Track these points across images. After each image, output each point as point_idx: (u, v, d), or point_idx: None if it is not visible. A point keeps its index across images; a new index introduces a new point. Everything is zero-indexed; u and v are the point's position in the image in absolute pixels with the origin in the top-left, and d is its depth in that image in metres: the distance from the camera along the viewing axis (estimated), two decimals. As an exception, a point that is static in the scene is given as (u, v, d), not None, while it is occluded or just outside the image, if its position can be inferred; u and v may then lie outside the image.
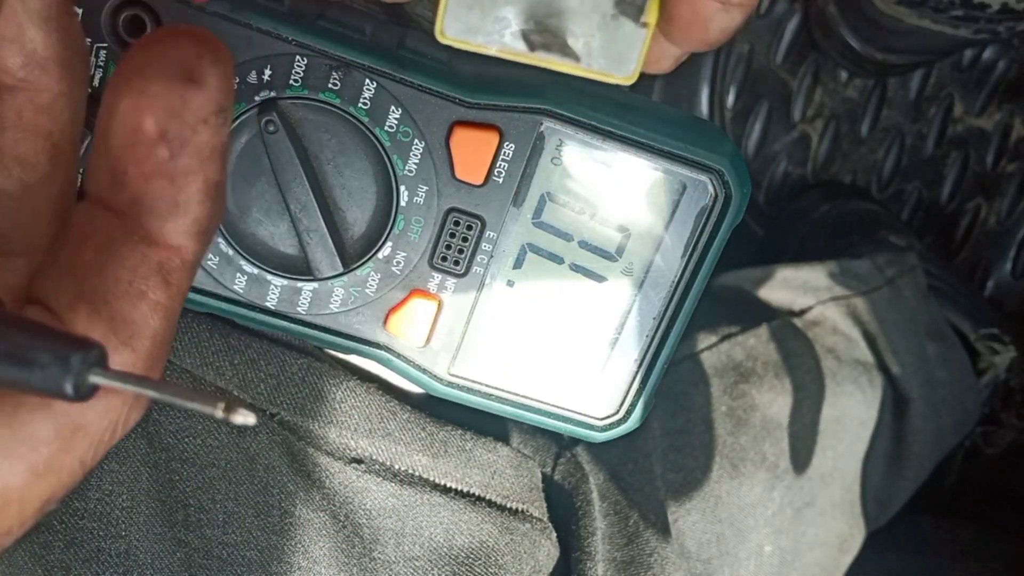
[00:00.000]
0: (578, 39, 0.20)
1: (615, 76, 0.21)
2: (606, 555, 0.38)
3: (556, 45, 0.20)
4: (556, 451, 0.39)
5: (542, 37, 0.20)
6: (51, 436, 0.16)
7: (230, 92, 0.17)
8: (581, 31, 0.20)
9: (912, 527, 0.64)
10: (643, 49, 0.21)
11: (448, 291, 0.29)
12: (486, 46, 0.20)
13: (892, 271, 0.63)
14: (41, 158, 0.18)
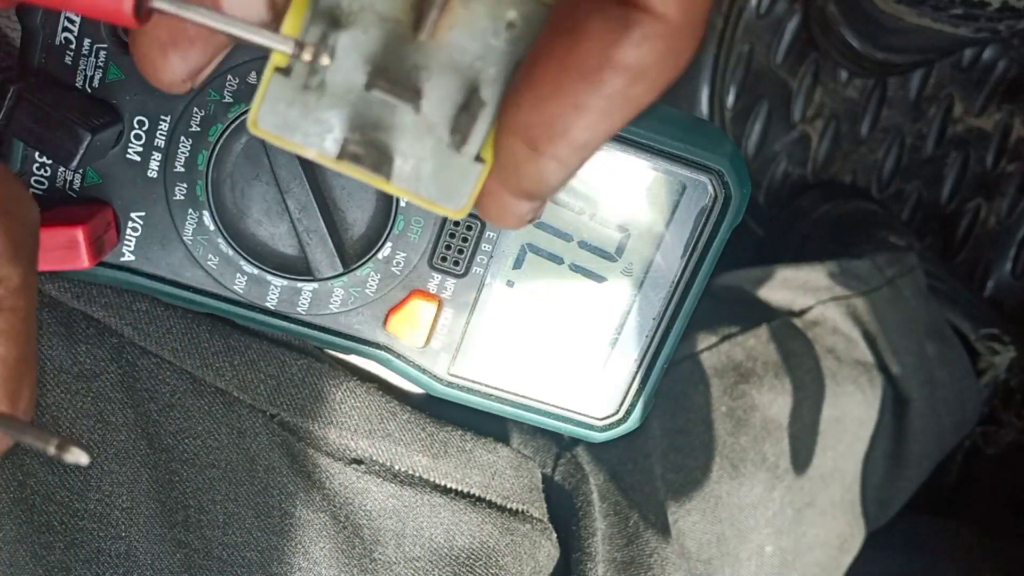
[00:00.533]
0: (407, 160, 0.19)
1: (444, 207, 0.19)
2: (606, 556, 0.38)
3: (377, 163, 0.18)
4: (556, 452, 0.39)
5: (364, 150, 0.18)
6: None
7: None
8: (412, 153, 0.19)
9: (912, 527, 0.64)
10: (477, 185, 0.19)
11: (448, 291, 0.29)
12: (303, 147, 0.18)
13: (892, 271, 0.63)
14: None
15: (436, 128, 0.19)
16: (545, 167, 0.18)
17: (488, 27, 0.18)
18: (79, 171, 0.26)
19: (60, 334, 0.29)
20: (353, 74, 0.18)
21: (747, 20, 0.77)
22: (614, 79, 0.17)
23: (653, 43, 0.17)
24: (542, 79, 0.17)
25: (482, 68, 0.18)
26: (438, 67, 0.18)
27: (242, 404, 0.31)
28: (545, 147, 0.18)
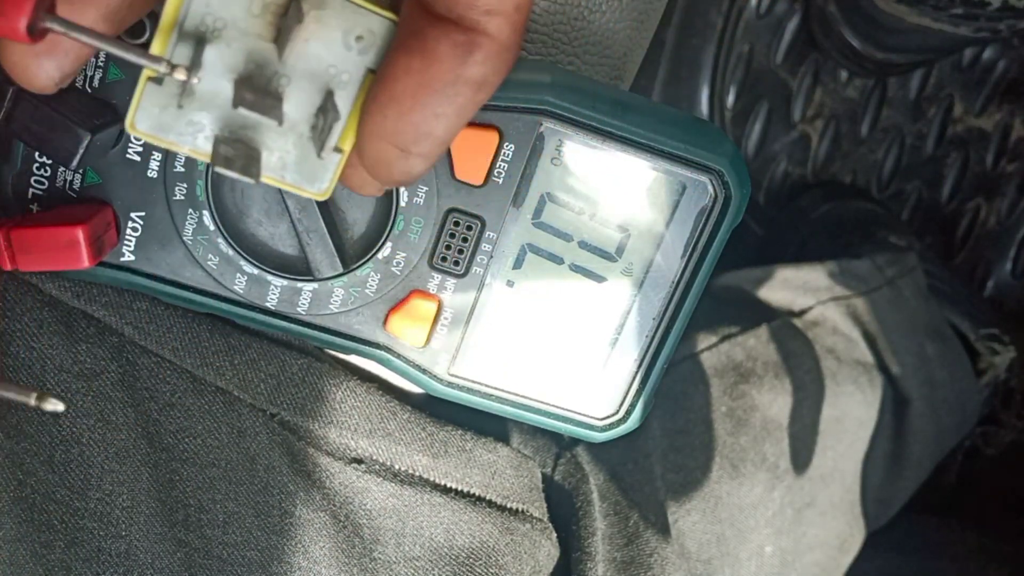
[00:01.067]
0: (273, 153, 0.22)
1: (308, 191, 0.22)
2: (606, 555, 0.38)
3: (242, 159, 0.20)
4: (556, 451, 0.39)
5: (232, 149, 0.20)
6: None
7: None
8: (276, 147, 0.22)
9: (912, 527, 0.64)
10: (336, 171, 0.22)
11: (448, 291, 0.29)
12: (177, 145, 0.21)
13: (892, 271, 0.63)
14: None
15: (298, 126, 0.22)
16: (414, 163, 0.22)
17: (340, 40, 0.21)
18: (79, 171, 0.26)
19: (60, 333, 0.29)
20: (220, 82, 0.21)
21: (747, 20, 0.77)
22: (465, 91, 0.21)
23: (492, 60, 0.21)
24: (403, 94, 0.21)
25: (336, 74, 0.21)
26: (297, 74, 0.21)
27: (242, 403, 0.31)
28: (413, 148, 0.21)
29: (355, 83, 0.22)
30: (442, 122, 0.21)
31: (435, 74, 0.20)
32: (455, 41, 0.20)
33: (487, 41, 0.20)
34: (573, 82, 0.27)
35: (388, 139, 0.21)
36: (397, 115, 0.21)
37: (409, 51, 0.21)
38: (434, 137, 0.21)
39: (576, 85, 0.27)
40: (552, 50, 0.32)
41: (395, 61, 0.21)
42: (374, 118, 0.21)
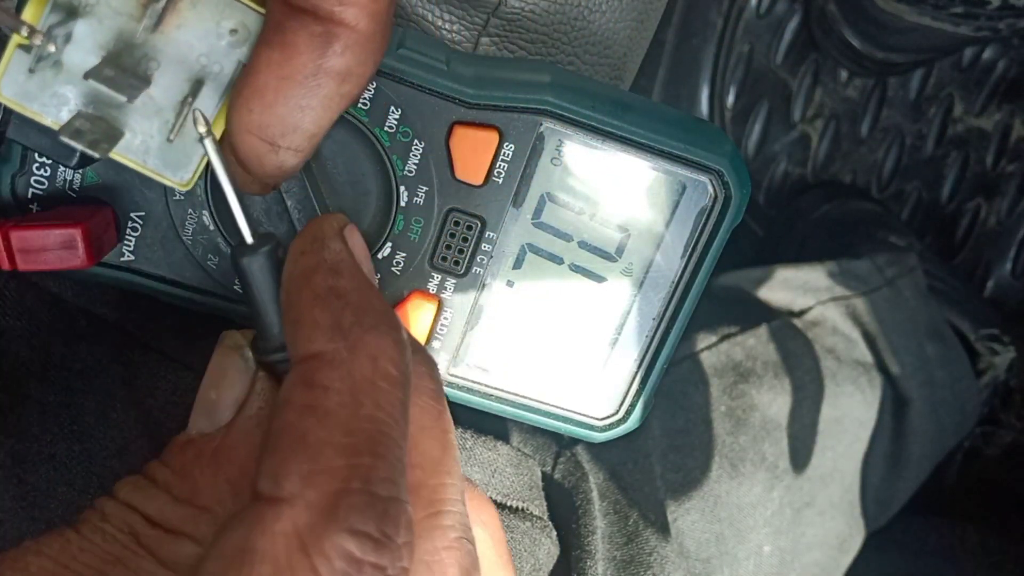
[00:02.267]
0: (136, 135, 0.21)
1: (170, 179, 0.22)
2: (606, 554, 0.38)
3: (100, 138, 0.20)
4: (556, 450, 0.39)
5: (89, 124, 0.20)
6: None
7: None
8: (141, 130, 0.22)
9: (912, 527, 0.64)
10: (199, 162, 0.22)
11: (448, 291, 0.29)
12: (41, 115, 0.21)
13: (892, 271, 0.63)
14: None
15: (164, 111, 0.21)
16: (284, 156, 0.22)
17: (213, 30, 0.21)
18: (79, 171, 0.26)
19: (61, 331, 0.29)
20: (88, 58, 0.20)
21: (747, 20, 0.77)
22: (328, 83, 0.21)
23: (353, 50, 0.21)
24: (266, 87, 0.21)
25: (208, 64, 0.21)
26: (167, 60, 0.21)
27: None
28: (281, 142, 0.21)
29: (226, 75, 0.22)
30: (308, 114, 0.21)
31: (295, 67, 0.20)
32: (312, 32, 0.20)
33: (345, 32, 0.20)
34: (573, 82, 0.27)
35: (255, 133, 0.21)
36: (262, 108, 0.21)
37: (270, 44, 0.21)
38: (302, 130, 0.21)
39: (576, 85, 0.27)
40: (552, 50, 0.32)
41: (258, 54, 0.21)
42: (240, 112, 0.21)
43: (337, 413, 0.19)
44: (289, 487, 0.18)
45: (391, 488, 0.18)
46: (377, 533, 0.17)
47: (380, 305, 0.21)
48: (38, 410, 0.29)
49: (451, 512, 0.21)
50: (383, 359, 0.20)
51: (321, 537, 0.17)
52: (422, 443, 0.21)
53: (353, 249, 0.22)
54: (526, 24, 0.31)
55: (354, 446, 0.18)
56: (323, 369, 0.19)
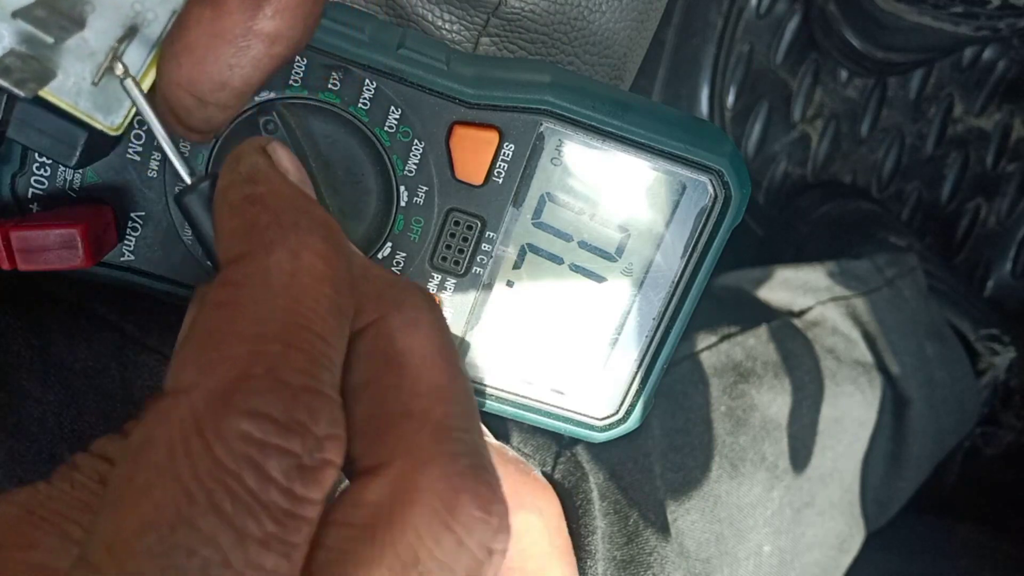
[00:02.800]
0: (69, 77, 0.22)
1: (100, 122, 0.22)
2: (606, 554, 0.38)
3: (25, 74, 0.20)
4: (556, 450, 0.39)
5: (20, 62, 0.20)
6: None
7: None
8: (74, 71, 0.22)
9: (912, 527, 0.64)
10: (129, 107, 0.22)
11: (448, 291, 0.29)
12: None
13: (892, 272, 0.63)
14: None
15: (97, 55, 0.22)
16: (212, 112, 0.22)
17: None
18: (79, 171, 0.26)
19: (62, 331, 0.29)
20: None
21: (747, 20, 0.77)
22: (258, 44, 0.21)
23: (284, 14, 0.21)
24: (196, 44, 0.21)
25: (142, 11, 0.22)
26: (102, 5, 0.21)
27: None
28: (209, 98, 0.21)
29: (160, 23, 0.22)
30: (237, 73, 0.21)
31: (225, 26, 0.21)
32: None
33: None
34: (573, 82, 0.27)
35: (184, 87, 0.21)
36: (191, 64, 0.21)
37: (202, 1, 0.21)
38: (231, 88, 0.21)
39: (576, 85, 0.27)
40: (552, 50, 0.32)
41: (189, 9, 0.21)
42: (170, 64, 0.21)
43: (247, 306, 0.18)
44: (188, 377, 0.17)
45: (305, 378, 0.17)
46: (283, 417, 0.16)
47: (305, 205, 0.20)
48: (38, 410, 0.29)
49: (461, 440, 0.19)
50: (306, 253, 0.19)
51: (218, 419, 0.16)
52: (425, 372, 0.20)
53: (278, 161, 0.21)
54: (526, 24, 0.31)
55: (262, 335, 0.17)
56: (236, 269, 0.19)
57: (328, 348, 0.18)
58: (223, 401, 0.16)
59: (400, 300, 0.21)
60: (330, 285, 0.19)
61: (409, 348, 0.20)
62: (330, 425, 0.17)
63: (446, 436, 0.19)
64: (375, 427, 0.19)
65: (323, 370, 0.18)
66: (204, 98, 0.21)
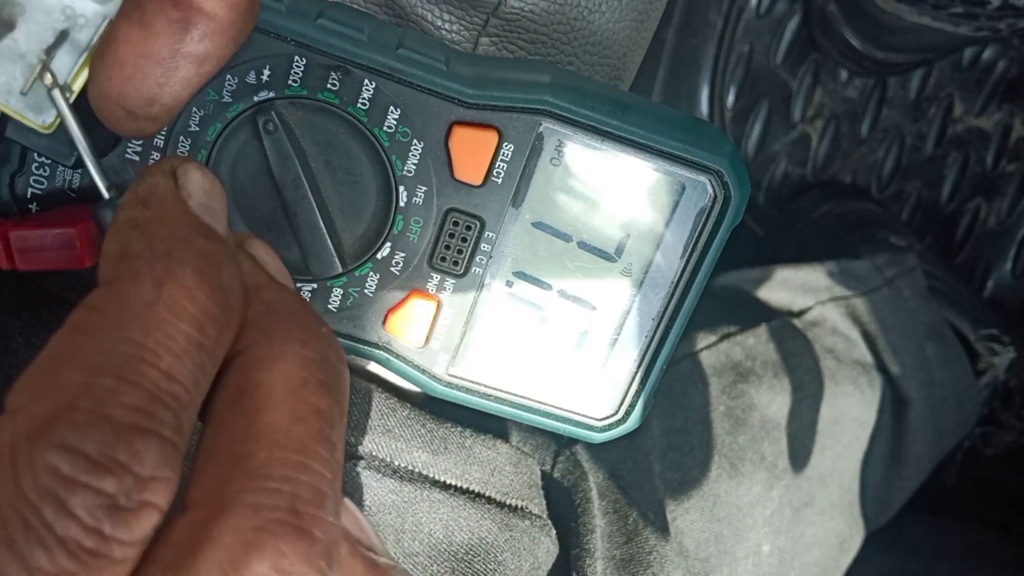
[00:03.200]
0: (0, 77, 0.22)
1: (31, 120, 0.23)
2: (605, 553, 0.38)
3: None
4: (555, 449, 0.39)
5: None
6: None
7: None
8: (4, 71, 0.22)
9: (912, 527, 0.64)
10: (61, 108, 0.22)
11: (447, 291, 0.29)
12: None
13: (892, 272, 0.63)
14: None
15: (27, 56, 0.22)
16: (142, 124, 0.22)
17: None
18: (78, 170, 0.26)
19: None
20: None
21: (747, 20, 0.77)
22: (186, 65, 0.21)
23: (211, 38, 0.21)
24: (124, 61, 0.21)
25: (72, 16, 0.22)
26: (31, 7, 0.22)
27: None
28: (139, 112, 0.22)
29: (91, 27, 0.22)
30: (167, 91, 0.21)
31: (153, 48, 0.21)
32: (170, 18, 0.20)
33: (203, 20, 0.21)
34: (572, 82, 0.27)
35: (114, 100, 0.21)
36: (121, 79, 0.21)
37: (129, 20, 0.21)
38: (160, 104, 0.22)
39: (575, 85, 0.27)
40: (552, 50, 0.32)
41: (118, 25, 0.21)
42: (100, 77, 0.21)
43: (94, 333, 0.17)
44: (19, 400, 0.17)
45: (135, 417, 0.17)
46: (97, 455, 0.16)
47: (187, 233, 0.20)
48: None
49: (276, 491, 0.18)
50: (171, 286, 0.18)
51: (30, 449, 0.16)
52: (264, 412, 0.19)
53: (184, 184, 0.21)
54: (526, 24, 0.31)
55: (99, 367, 0.17)
56: (99, 292, 0.18)
57: (173, 386, 0.17)
58: (40, 431, 0.16)
59: (272, 330, 0.20)
60: (191, 321, 0.18)
61: (259, 383, 0.19)
62: (156, 467, 0.17)
63: (257, 485, 0.18)
64: (201, 463, 0.19)
65: (162, 409, 0.17)
66: (134, 112, 0.22)
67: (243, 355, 0.20)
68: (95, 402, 0.16)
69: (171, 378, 0.17)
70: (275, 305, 0.21)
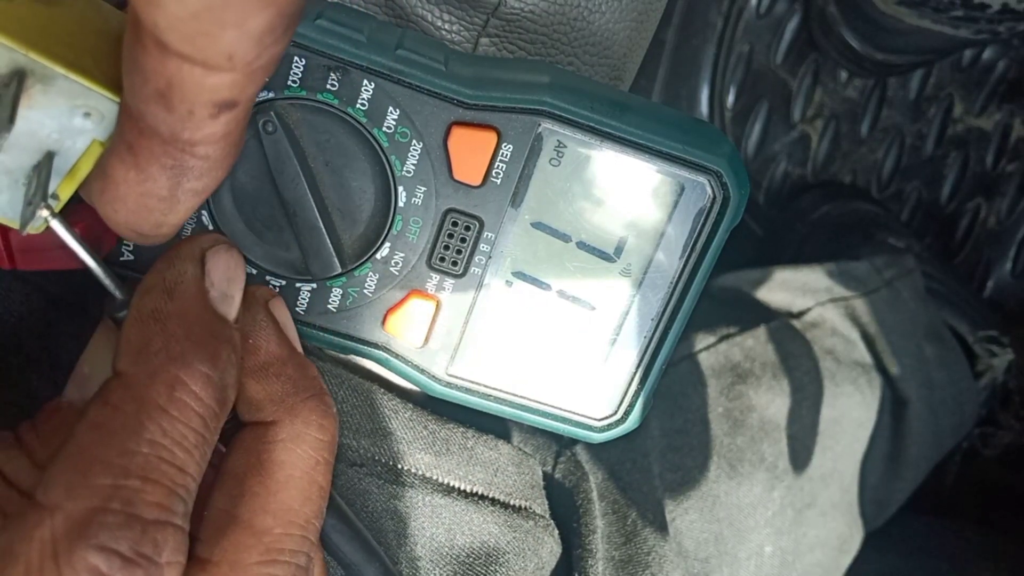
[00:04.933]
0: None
1: (13, 223, 0.23)
2: (605, 554, 0.38)
3: None
4: (556, 450, 0.39)
5: None
6: None
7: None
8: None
9: (911, 528, 0.64)
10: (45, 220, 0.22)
11: (446, 291, 0.29)
12: None
13: (891, 273, 0.63)
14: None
15: (13, 172, 0.22)
16: (154, 240, 0.23)
17: (65, 112, 0.21)
18: None
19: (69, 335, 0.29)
20: None
21: (747, 20, 0.77)
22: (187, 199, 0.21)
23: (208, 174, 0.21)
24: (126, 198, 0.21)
25: (59, 139, 0.22)
26: (18, 132, 0.21)
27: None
28: (149, 234, 0.22)
29: (78, 150, 0.22)
30: (172, 217, 0.22)
31: (152, 188, 0.21)
32: (164, 165, 0.20)
33: (198, 163, 0.21)
34: (572, 82, 0.27)
35: (123, 228, 0.22)
36: (126, 212, 0.22)
37: (124, 163, 0.21)
38: (168, 224, 0.22)
39: (575, 85, 0.27)
40: (552, 50, 0.32)
41: (113, 166, 0.21)
42: (105, 210, 0.22)
43: (118, 434, 0.20)
44: (54, 497, 0.19)
45: (158, 512, 0.19)
46: (130, 552, 0.19)
47: (202, 334, 0.22)
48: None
49: (287, 563, 0.22)
50: (182, 390, 0.21)
51: (71, 549, 0.18)
52: (283, 491, 0.23)
53: (209, 272, 0.23)
54: (526, 24, 0.31)
55: (124, 468, 0.19)
56: (118, 389, 0.20)
57: (185, 479, 0.20)
58: (79, 532, 0.18)
59: (297, 411, 0.24)
60: (198, 421, 0.21)
61: (282, 462, 0.23)
62: (172, 554, 0.20)
63: (271, 559, 0.22)
64: (219, 523, 0.22)
65: (177, 501, 0.20)
66: (145, 234, 0.22)
67: (269, 427, 0.23)
68: (125, 503, 0.19)
69: (183, 472, 0.20)
70: (299, 384, 0.24)
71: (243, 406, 0.24)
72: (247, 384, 0.24)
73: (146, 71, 0.19)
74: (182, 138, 0.20)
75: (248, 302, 0.25)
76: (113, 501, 0.19)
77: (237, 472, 0.23)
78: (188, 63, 0.18)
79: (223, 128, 0.20)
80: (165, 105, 0.19)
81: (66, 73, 0.21)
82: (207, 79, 0.18)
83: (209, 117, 0.19)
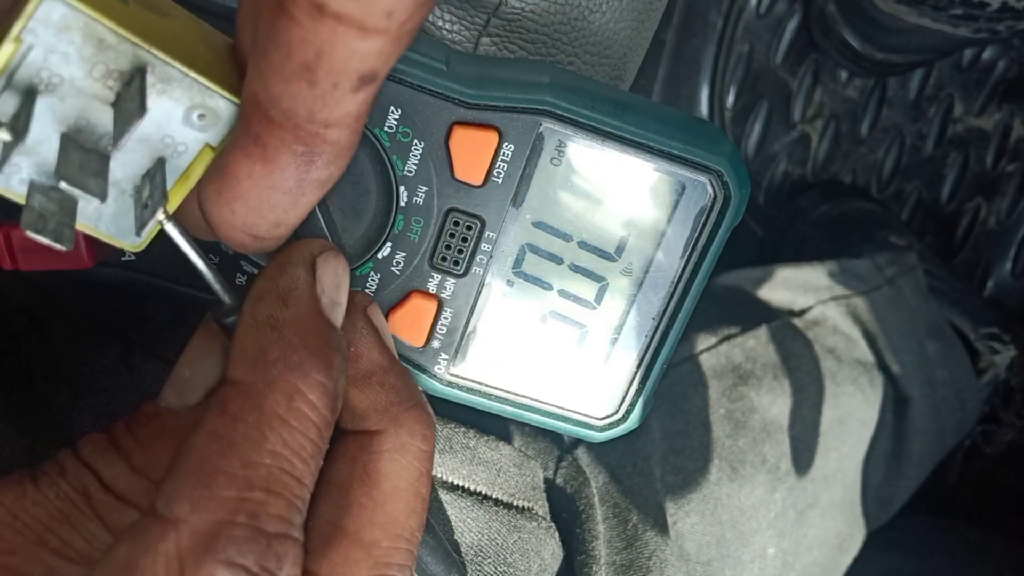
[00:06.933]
0: (91, 202, 0.21)
1: (121, 242, 0.22)
2: (607, 559, 0.38)
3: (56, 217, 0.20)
4: (557, 455, 0.39)
5: (46, 198, 0.20)
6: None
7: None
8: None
9: (913, 527, 0.64)
10: (153, 231, 0.22)
11: (447, 291, 0.29)
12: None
13: (892, 271, 0.63)
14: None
15: (120, 183, 0.22)
16: (268, 244, 0.23)
17: (181, 114, 0.21)
18: None
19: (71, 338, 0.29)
20: (46, 131, 0.20)
21: (747, 20, 0.77)
22: (312, 190, 0.21)
23: (335, 162, 0.21)
24: (248, 193, 0.21)
25: (172, 144, 0.21)
26: (132, 139, 0.21)
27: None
28: (266, 236, 0.22)
29: (190, 155, 0.22)
30: (292, 214, 0.22)
31: (278, 180, 0.21)
32: (294, 152, 0.20)
33: (328, 149, 0.20)
34: (573, 82, 0.28)
35: (239, 229, 0.22)
36: (245, 211, 0.21)
37: (250, 156, 0.20)
38: (286, 225, 0.22)
39: (576, 85, 0.27)
40: (552, 50, 0.32)
41: (237, 162, 0.21)
42: (222, 211, 0.21)
43: (240, 444, 0.19)
44: (179, 510, 0.19)
45: (281, 525, 0.19)
46: (255, 567, 0.18)
47: (317, 343, 0.21)
48: (46, 410, 0.29)
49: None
50: (300, 399, 0.20)
51: (198, 564, 0.18)
52: (390, 503, 0.23)
53: (320, 278, 0.22)
54: (526, 24, 0.31)
55: (248, 479, 0.19)
56: (237, 399, 0.20)
57: (303, 490, 0.20)
58: (206, 545, 0.18)
59: (401, 421, 0.23)
60: (315, 431, 0.21)
61: (388, 473, 0.23)
62: (292, 567, 0.20)
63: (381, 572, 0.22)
64: (326, 534, 0.22)
65: (296, 513, 0.20)
66: (261, 236, 0.22)
67: (374, 437, 0.23)
68: (250, 516, 0.19)
69: (301, 483, 0.20)
70: (402, 393, 0.24)
71: (346, 415, 0.24)
72: (350, 393, 0.23)
73: (291, 44, 0.18)
74: (319, 118, 0.19)
75: (348, 309, 0.24)
76: (239, 514, 0.19)
77: (342, 483, 0.23)
78: (344, 26, 0.18)
79: (358, 107, 0.20)
80: (309, 79, 0.18)
81: (187, 72, 0.20)
82: (360, 44, 0.18)
83: (351, 91, 0.19)
